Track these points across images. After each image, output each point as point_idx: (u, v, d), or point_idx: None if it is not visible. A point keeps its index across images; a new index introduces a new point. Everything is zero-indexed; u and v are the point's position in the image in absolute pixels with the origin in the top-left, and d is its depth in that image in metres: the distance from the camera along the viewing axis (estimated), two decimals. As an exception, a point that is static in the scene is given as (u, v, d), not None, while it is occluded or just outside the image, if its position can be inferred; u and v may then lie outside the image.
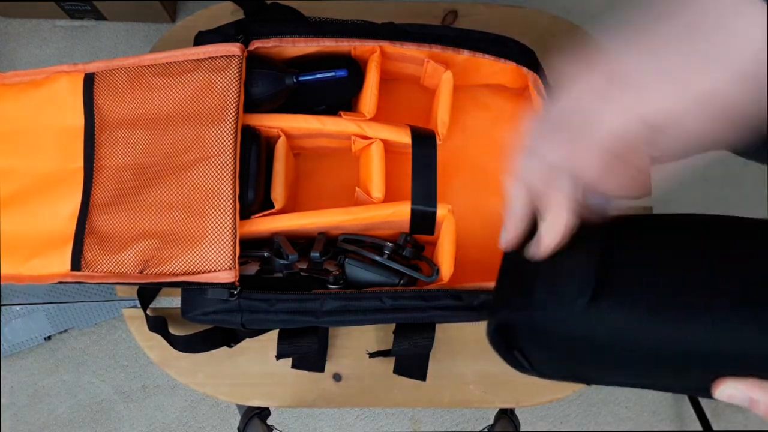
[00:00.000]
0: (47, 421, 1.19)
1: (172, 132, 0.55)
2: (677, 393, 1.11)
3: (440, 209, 0.57)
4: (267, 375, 0.70)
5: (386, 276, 0.56)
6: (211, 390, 0.70)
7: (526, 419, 1.20)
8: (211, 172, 0.53)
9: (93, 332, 1.20)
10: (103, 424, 1.20)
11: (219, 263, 0.51)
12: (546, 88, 0.61)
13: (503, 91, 0.67)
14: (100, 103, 0.57)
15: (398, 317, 0.55)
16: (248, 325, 0.54)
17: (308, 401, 0.70)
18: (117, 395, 1.20)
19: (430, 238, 0.60)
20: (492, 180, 0.67)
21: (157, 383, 1.20)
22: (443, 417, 1.19)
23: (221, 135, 0.53)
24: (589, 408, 1.21)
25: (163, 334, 0.64)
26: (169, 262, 0.52)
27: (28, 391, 1.19)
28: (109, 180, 0.56)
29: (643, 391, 1.20)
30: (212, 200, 0.52)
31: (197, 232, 0.52)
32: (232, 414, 1.19)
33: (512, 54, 0.60)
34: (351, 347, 0.71)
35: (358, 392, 0.70)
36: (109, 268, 0.53)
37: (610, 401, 1.21)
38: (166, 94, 0.55)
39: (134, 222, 0.53)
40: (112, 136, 0.56)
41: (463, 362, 0.71)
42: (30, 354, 1.20)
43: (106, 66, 0.57)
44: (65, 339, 1.20)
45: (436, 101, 0.62)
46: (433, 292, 0.54)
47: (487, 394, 0.71)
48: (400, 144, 0.59)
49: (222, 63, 0.55)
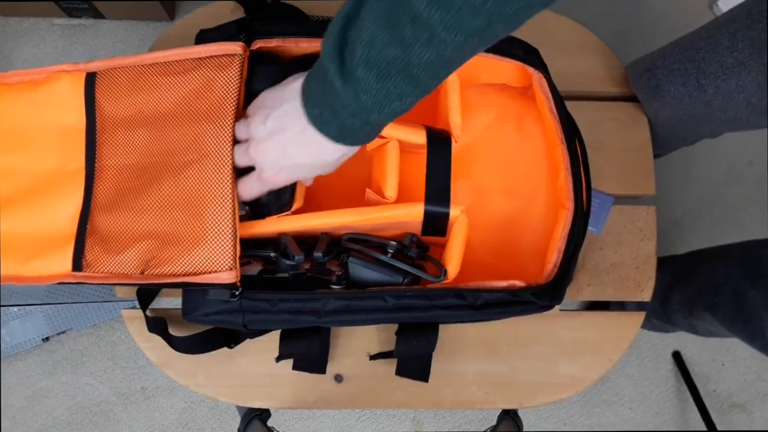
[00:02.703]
0: (45, 423, 1.18)
1: (172, 131, 0.54)
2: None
3: (453, 210, 0.56)
4: (268, 376, 0.69)
5: (389, 275, 0.56)
6: (210, 391, 0.69)
7: (529, 420, 1.19)
8: (209, 172, 0.52)
9: (92, 333, 1.19)
10: (101, 426, 1.19)
11: (219, 264, 0.51)
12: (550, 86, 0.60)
13: (507, 90, 0.67)
14: (102, 102, 0.56)
15: (401, 317, 0.55)
16: (250, 326, 0.54)
17: (309, 402, 0.70)
18: (116, 397, 1.19)
19: (435, 240, 0.59)
20: (496, 179, 0.66)
21: (156, 385, 1.19)
22: (445, 418, 1.19)
23: (219, 133, 0.53)
24: (592, 409, 1.20)
25: (162, 335, 0.63)
26: (170, 262, 0.51)
27: (26, 393, 1.19)
28: (110, 180, 0.55)
29: (647, 391, 1.20)
30: (211, 200, 0.52)
31: (197, 232, 0.51)
32: (232, 415, 1.19)
33: (516, 53, 0.60)
34: (353, 348, 0.70)
35: (359, 393, 0.70)
36: (111, 268, 0.52)
37: (614, 402, 1.21)
38: (168, 93, 0.55)
39: (135, 222, 0.53)
40: (113, 135, 0.56)
41: (466, 363, 0.71)
42: (28, 355, 1.19)
43: (108, 65, 0.57)
44: (63, 340, 1.19)
45: (444, 102, 0.61)
46: (436, 291, 0.54)
47: (490, 394, 0.70)
48: (414, 144, 0.58)
49: (223, 61, 0.55)
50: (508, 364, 0.71)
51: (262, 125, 0.47)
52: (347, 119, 0.41)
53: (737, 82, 0.61)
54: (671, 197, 1.24)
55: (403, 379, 0.65)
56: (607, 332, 0.72)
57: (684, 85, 0.66)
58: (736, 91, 0.61)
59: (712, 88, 0.63)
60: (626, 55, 0.79)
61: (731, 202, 1.24)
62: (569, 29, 0.78)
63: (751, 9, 0.59)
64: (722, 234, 1.23)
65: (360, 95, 0.38)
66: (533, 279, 0.56)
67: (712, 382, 1.21)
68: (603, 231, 0.74)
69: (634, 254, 0.73)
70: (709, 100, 0.65)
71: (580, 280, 0.73)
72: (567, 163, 0.58)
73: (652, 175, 0.75)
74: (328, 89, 0.40)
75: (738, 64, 0.60)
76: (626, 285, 0.73)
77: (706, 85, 0.64)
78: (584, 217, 0.57)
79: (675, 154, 0.99)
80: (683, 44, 0.68)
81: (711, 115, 0.67)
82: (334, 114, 0.41)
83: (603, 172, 0.74)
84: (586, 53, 0.77)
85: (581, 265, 0.73)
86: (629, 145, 0.75)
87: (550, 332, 0.71)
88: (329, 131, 0.43)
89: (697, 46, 0.64)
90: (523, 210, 0.65)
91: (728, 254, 0.85)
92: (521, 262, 0.64)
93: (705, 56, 0.63)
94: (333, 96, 0.40)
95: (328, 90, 0.40)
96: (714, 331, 0.88)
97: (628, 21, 1.26)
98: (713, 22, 0.65)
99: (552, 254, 0.56)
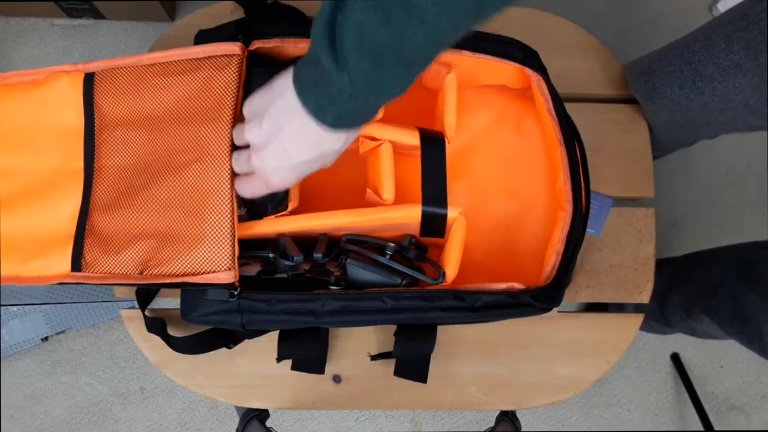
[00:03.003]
0: (44, 423, 1.18)
1: (171, 131, 0.54)
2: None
3: (451, 211, 0.56)
4: (266, 376, 0.70)
5: (388, 276, 0.56)
6: (209, 391, 0.69)
7: (528, 421, 1.19)
8: (207, 172, 0.52)
9: (90, 333, 1.19)
10: (100, 426, 1.19)
11: (218, 264, 0.51)
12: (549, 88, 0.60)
13: (506, 92, 0.67)
14: (100, 102, 0.56)
15: (399, 318, 0.55)
16: (249, 326, 0.54)
17: (308, 403, 0.70)
18: (114, 397, 1.19)
19: (435, 241, 0.59)
20: (495, 181, 0.66)
21: (155, 385, 1.19)
22: (444, 419, 1.19)
23: (217, 133, 0.53)
24: (590, 410, 1.21)
25: (161, 335, 0.63)
26: (168, 262, 0.51)
27: (25, 393, 1.19)
28: (109, 180, 0.55)
29: (645, 393, 1.20)
30: (210, 201, 0.52)
31: (196, 232, 0.51)
32: (230, 416, 1.19)
33: (515, 54, 0.60)
34: (351, 349, 0.70)
35: (358, 394, 0.70)
36: (110, 268, 0.52)
37: (612, 403, 1.21)
38: (166, 94, 0.55)
39: (134, 222, 0.53)
40: (112, 135, 0.56)
41: (464, 364, 0.71)
42: (27, 355, 1.19)
43: (107, 65, 0.57)
44: (62, 340, 1.19)
45: (441, 103, 0.61)
46: (435, 293, 0.54)
47: (488, 395, 0.70)
48: (408, 146, 0.58)
49: (222, 62, 0.55)
50: (507, 366, 0.71)
51: (258, 129, 0.47)
52: (344, 104, 0.41)
53: (734, 84, 0.61)
54: (670, 199, 1.24)
55: (401, 380, 0.65)
56: (606, 334, 0.72)
57: (681, 87, 0.66)
58: (733, 92, 0.61)
59: (709, 90, 0.64)
60: (626, 57, 0.79)
61: (730, 204, 1.24)
62: (568, 31, 0.78)
63: (746, 11, 0.59)
64: (721, 236, 1.23)
65: (355, 80, 0.38)
66: (532, 281, 0.56)
67: (711, 384, 1.21)
68: (602, 233, 0.74)
69: (633, 256, 0.73)
70: (707, 102, 0.65)
71: (579, 281, 0.73)
72: (566, 165, 0.58)
73: (652, 177, 0.75)
74: (321, 76, 0.39)
75: (734, 66, 0.60)
76: (625, 287, 0.73)
77: (702, 88, 0.64)
78: (583, 219, 0.57)
79: (674, 156, 1.00)
80: (679, 47, 0.68)
81: (709, 117, 0.67)
82: (330, 100, 0.41)
83: (602, 174, 0.74)
84: (585, 55, 0.77)
85: (580, 266, 0.73)
86: (628, 147, 0.75)
87: (549, 334, 0.72)
88: (326, 118, 0.43)
89: (693, 49, 0.65)
90: (522, 212, 0.65)
91: (724, 256, 0.85)
92: (520, 263, 0.64)
93: (701, 58, 0.63)
94: (327, 83, 0.39)
95: (321, 77, 0.39)
96: (712, 333, 0.88)
97: (627, 22, 1.26)
98: (709, 25, 0.65)
99: (550, 256, 0.56)
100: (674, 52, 0.68)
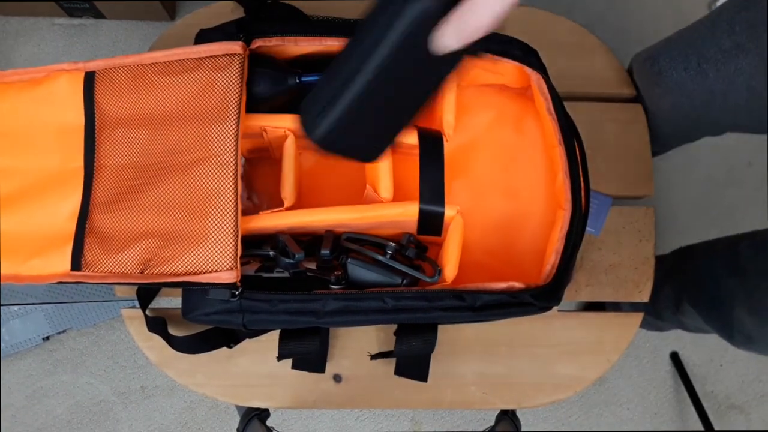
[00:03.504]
0: (45, 422, 1.19)
1: (173, 131, 0.54)
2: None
3: (448, 210, 0.56)
4: (267, 376, 0.70)
5: (388, 276, 0.56)
6: (210, 391, 0.69)
7: (528, 420, 1.20)
8: (212, 172, 0.52)
9: (91, 333, 1.20)
10: (101, 425, 1.19)
11: (220, 263, 0.51)
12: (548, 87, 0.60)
13: (506, 91, 0.67)
14: (101, 101, 0.56)
15: (400, 318, 0.55)
16: (250, 326, 0.54)
17: (308, 402, 0.70)
18: (115, 396, 1.19)
19: (434, 239, 0.60)
20: (494, 180, 0.66)
21: (155, 384, 1.20)
22: (444, 418, 1.19)
23: (223, 134, 0.53)
24: (590, 409, 1.21)
25: (162, 334, 0.63)
26: (170, 262, 0.51)
27: (26, 392, 1.19)
28: (109, 179, 0.55)
29: (645, 392, 1.20)
30: (214, 200, 0.52)
31: (199, 232, 0.51)
32: (231, 415, 1.19)
33: (515, 53, 0.60)
34: (352, 348, 0.70)
35: (358, 393, 0.70)
36: (110, 268, 0.52)
37: (612, 402, 1.21)
38: (167, 93, 0.55)
39: (135, 222, 0.53)
40: (112, 134, 0.56)
41: (464, 363, 0.71)
42: (28, 354, 1.19)
43: (107, 64, 0.57)
44: (63, 339, 1.19)
45: (440, 102, 0.61)
46: (436, 293, 0.54)
47: (488, 395, 0.71)
48: (406, 144, 0.59)
49: (224, 61, 0.55)
50: (507, 365, 0.71)
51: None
52: None
53: (736, 65, 0.62)
54: (670, 198, 1.24)
55: (402, 379, 0.65)
56: (606, 333, 0.72)
57: (686, 69, 0.67)
58: (736, 74, 0.62)
59: (713, 72, 0.64)
60: (626, 56, 0.79)
61: (730, 204, 1.24)
62: (568, 30, 0.78)
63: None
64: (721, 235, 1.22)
65: None
66: (532, 280, 0.56)
67: (710, 383, 1.21)
68: (602, 232, 0.74)
69: (633, 255, 0.74)
70: (710, 85, 0.65)
71: (579, 280, 0.73)
72: (565, 164, 0.58)
73: (651, 176, 0.75)
74: None
75: (736, 47, 0.61)
76: (624, 286, 0.73)
77: (707, 70, 0.65)
78: (582, 218, 0.57)
79: (674, 155, 0.99)
80: (684, 32, 0.69)
81: (712, 102, 0.68)
82: None
83: (602, 173, 0.74)
84: (585, 54, 0.77)
85: (579, 265, 0.73)
86: (628, 146, 0.75)
87: (549, 333, 0.72)
88: None
89: (698, 31, 0.66)
90: (522, 211, 0.65)
91: (713, 249, 0.85)
92: (520, 263, 0.64)
93: (705, 40, 0.64)
94: None
95: None
96: (701, 326, 0.88)
97: (628, 22, 1.26)
98: (713, 11, 0.66)
99: (550, 255, 0.56)
100: (679, 37, 0.69)
